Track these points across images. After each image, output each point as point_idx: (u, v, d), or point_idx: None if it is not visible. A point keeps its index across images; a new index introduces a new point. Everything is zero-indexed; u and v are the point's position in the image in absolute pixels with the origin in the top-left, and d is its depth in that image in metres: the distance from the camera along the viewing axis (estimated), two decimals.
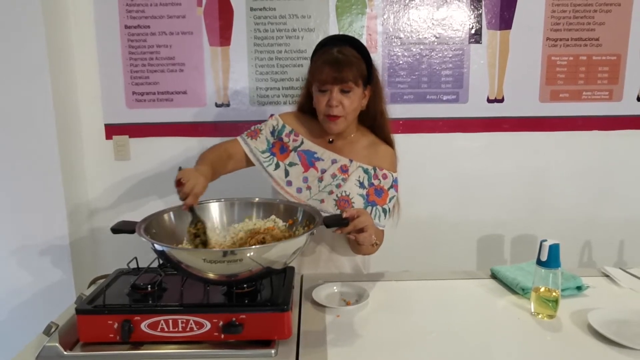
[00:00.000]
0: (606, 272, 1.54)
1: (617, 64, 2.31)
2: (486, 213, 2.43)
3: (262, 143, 1.61)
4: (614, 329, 1.15)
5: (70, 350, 1.08)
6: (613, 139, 2.38)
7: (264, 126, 1.63)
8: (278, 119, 1.64)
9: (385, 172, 1.56)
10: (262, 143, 1.61)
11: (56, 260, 2.17)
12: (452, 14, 2.27)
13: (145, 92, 2.29)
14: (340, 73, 1.45)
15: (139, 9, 2.23)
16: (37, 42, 2.00)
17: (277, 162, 1.60)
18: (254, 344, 1.09)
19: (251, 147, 1.60)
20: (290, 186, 1.57)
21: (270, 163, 1.59)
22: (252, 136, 1.62)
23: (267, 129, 1.63)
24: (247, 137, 1.62)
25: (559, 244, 1.24)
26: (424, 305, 1.35)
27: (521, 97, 2.34)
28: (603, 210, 2.44)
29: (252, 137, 1.61)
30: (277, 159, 1.60)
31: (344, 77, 1.45)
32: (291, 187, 1.57)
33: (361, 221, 1.30)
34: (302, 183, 1.56)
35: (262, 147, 1.61)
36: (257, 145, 1.60)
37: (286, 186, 1.57)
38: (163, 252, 1.11)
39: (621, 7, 2.27)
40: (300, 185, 1.56)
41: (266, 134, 1.62)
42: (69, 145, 2.18)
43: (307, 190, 1.55)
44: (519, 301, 1.35)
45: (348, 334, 1.19)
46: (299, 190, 1.56)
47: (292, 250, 1.17)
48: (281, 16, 2.26)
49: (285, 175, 1.58)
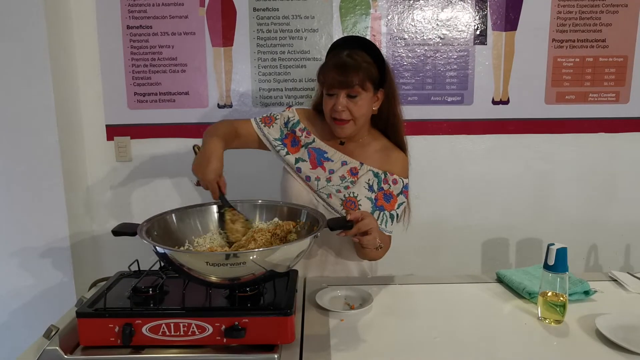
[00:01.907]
0: (614, 277, 1.53)
1: (623, 66, 2.29)
2: (491, 216, 2.41)
3: (276, 132, 1.61)
4: (622, 334, 1.14)
5: (71, 354, 1.08)
6: (620, 142, 2.36)
7: (280, 115, 1.63)
8: (295, 112, 1.63)
9: (395, 177, 1.55)
10: (275, 131, 1.61)
11: (57, 263, 2.16)
12: (456, 15, 2.26)
13: (147, 93, 2.28)
14: (346, 77, 1.43)
15: (141, 9, 2.22)
16: (39, 42, 1.99)
17: (287, 151, 1.59)
18: (257, 348, 1.08)
19: (264, 133, 1.60)
20: (300, 173, 1.56)
21: (282, 149, 1.59)
22: (266, 122, 1.61)
23: (282, 119, 1.62)
24: (260, 121, 1.62)
25: (566, 248, 1.23)
26: (429, 309, 1.34)
27: (527, 98, 2.32)
28: (609, 213, 2.42)
29: (266, 123, 1.61)
30: (287, 150, 1.59)
31: (350, 82, 1.43)
32: (301, 174, 1.56)
33: (365, 224, 1.29)
34: (311, 173, 1.56)
35: (275, 135, 1.61)
36: (270, 132, 1.60)
37: (296, 173, 1.57)
38: (165, 255, 1.11)
39: (628, 8, 2.25)
40: (309, 174, 1.55)
41: (280, 123, 1.62)
42: (70, 146, 2.17)
43: (316, 181, 1.54)
44: (526, 306, 1.34)
45: (352, 338, 1.18)
46: (307, 179, 1.55)
47: (295, 253, 1.16)
48: (284, 17, 2.25)
49: (295, 163, 1.57)
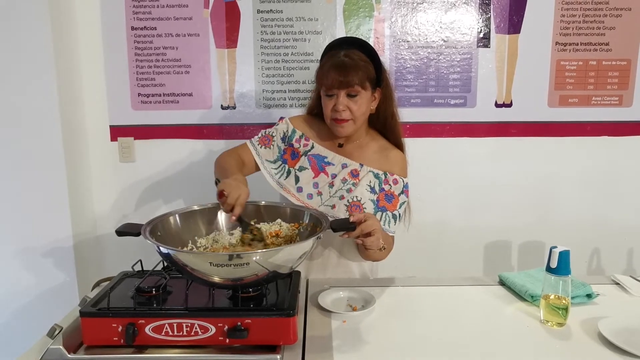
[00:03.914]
0: (616, 280, 1.52)
1: (627, 69, 2.29)
2: (493, 219, 2.41)
3: (274, 152, 1.60)
4: (624, 337, 1.13)
5: (74, 353, 1.08)
6: (623, 145, 2.36)
7: (275, 132, 1.62)
8: (288, 123, 1.62)
9: (396, 177, 1.55)
10: (273, 153, 1.60)
11: (60, 262, 2.16)
12: (460, 18, 2.26)
13: (151, 94, 2.29)
14: (346, 77, 1.43)
15: (146, 11, 2.23)
16: (43, 43, 2.00)
17: (288, 169, 1.58)
18: (259, 349, 1.08)
19: (260, 154, 1.59)
20: (301, 192, 1.55)
21: (282, 172, 1.58)
22: (264, 144, 1.60)
23: (278, 135, 1.61)
24: (258, 144, 1.61)
25: (569, 251, 1.23)
26: (431, 311, 1.34)
27: (529, 101, 2.32)
28: (612, 217, 2.42)
29: (264, 145, 1.60)
30: (288, 166, 1.58)
31: (350, 81, 1.43)
32: (302, 194, 1.54)
33: (368, 225, 1.29)
34: (313, 189, 1.54)
35: (272, 157, 1.60)
36: (267, 156, 1.60)
37: (297, 193, 1.55)
38: (168, 255, 1.11)
39: (632, 12, 2.25)
40: (311, 192, 1.54)
41: (277, 141, 1.61)
42: (73, 146, 2.18)
43: (318, 196, 1.53)
44: (528, 308, 1.34)
45: (354, 339, 1.18)
46: (309, 197, 1.54)
47: (298, 255, 1.16)
48: (288, 19, 2.25)
49: (296, 182, 1.56)
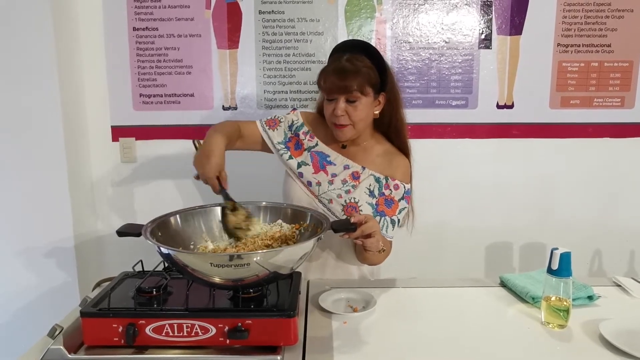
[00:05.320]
0: (618, 282, 1.52)
1: (629, 71, 2.29)
2: (495, 220, 2.41)
3: (280, 135, 1.61)
4: (625, 339, 1.13)
5: (75, 353, 1.08)
6: (624, 147, 2.35)
7: (284, 118, 1.63)
8: (299, 115, 1.63)
9: (397, 182, 1.54)
10: (279, 135, 1.61)
11: (61, 262, 2.16)
12: (461, 19, 2.26)
13: (152, 95, 2.29)
14: (344, 83, 1.43)
15: (148, 11, 2.23)
16: (45, 44, 2.00)
17: (290, 155, 1.59)
18: (260, 349, 1.08)
19: (269, 135, 1.60)
20: (302, 177, 1.56)
21: (285, 153, 1.59)
22: (270, 125, 1.62)
23: (286, 122, 1.62)
24: (266, 125, 1.62)
25: (570, 253, 1.22)
26: (432, 312, 1.34)
27: (531, 103, 2.32)
28: (613, 219, 2.41)
29: (270, 126, 1.61)
30: (290, 153, 1.59)
31: (349, 87, 1.43)
32: (302, 179, 1.56)
33: (369, 227, 1.29)
34: (313, 178, 1.55)
35: (279, 138, 1.61)
36: (274, 136, 1.60)
37: (298, 178, 1.57)
38: (169, 255, 1.11)
39: (634, 13, 2.24)
40: (311, 179, 1.55)
41: (284, 126, 1.62)
42: (75, 146, 2.18)
43: (317, 186, 1.54)
44: (529, 310, 1.34)
45: (355, 340, 1.18)
46: (309, 184, 1.55)
47: (299, 255, 1.16)
48: (290, 20, 2.25)
49: (297, 167, 1.57)
